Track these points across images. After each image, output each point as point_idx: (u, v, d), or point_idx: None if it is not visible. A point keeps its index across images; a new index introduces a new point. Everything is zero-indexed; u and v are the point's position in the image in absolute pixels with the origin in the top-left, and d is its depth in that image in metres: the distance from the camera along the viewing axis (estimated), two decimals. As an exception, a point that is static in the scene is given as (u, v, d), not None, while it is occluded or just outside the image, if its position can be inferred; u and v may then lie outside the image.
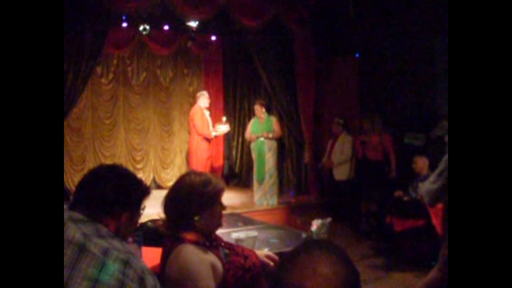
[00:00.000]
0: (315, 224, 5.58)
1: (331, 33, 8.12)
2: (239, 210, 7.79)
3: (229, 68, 10.64)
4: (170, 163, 10.45)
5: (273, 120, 8.26)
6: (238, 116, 10.49)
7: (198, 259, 2.12)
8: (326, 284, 1.10)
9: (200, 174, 2.37)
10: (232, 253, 2.28)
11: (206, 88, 10.57)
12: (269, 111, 8.44)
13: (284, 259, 1.20)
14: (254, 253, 2.43)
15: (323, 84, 8.69)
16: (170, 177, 10.39)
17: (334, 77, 8.57)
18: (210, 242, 2.26)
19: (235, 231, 5.51)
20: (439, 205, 4.82)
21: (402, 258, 6.13)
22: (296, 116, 8.69)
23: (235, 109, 10.56)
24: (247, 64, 9.66)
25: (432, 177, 3.44)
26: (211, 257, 2.17)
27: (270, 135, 8.04)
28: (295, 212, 8.08)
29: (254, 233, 5.13)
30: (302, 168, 8.95)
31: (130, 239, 3.59)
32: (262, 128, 8.11)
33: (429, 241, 5.72)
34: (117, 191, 1.76)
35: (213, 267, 2.14)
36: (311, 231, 5.59)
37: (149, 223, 2.60)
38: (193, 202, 2.21)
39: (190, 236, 2.21)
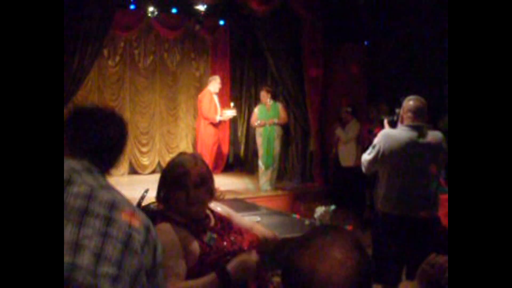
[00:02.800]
0: (319, 211, 5.59)
1: (340, 20, 8.02)
2: (243, 195, 7.79)
3: (237, 53, 10.57)
4: (175, 147, 10.43)
5: (280, 106, 8.27)
6: (245, 102, 10.45)
7: (169, 238, 2.11)
8: (339, 268, 1.10)
9: (181, 154, 2.40)
10: (219, 238, 2.25)
11: (213, 73, 10.53)
12: (274, 97, 8.41)
13: (296, 243, 1.20)
14: (249, 238, 2.39)
15: (331, 71, 8.62)
16: (175, 162, 10.39)
17: (342, 65, 8.49)
18: (196, 224, 2.23)
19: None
20: (444, 196, 4.77)
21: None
22: (302, 103, 8.64)
23: (242, 94, 10.52)
24: (254, 50, 9.60)
25: (369, 149, 3.85)
26: (187, 239, 2.16)
27: (276, 121, 8.08)
28: (299, 199, 8.08)
29: (257, 218, 5.13)
30: (308, 155, 8.92)
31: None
32: (269, 114, 8.12)
33: (433, 231, 5.68)
34: (119, 136, 1.67)
35: (185, 248, 2.13)
36: (314, 218, 5.61)
37: (152, 206, 2.59)
38: (160, 182, 2.28)
39: (174, 215, 2.23)
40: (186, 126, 10.38)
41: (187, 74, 10.47)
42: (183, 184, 2.22)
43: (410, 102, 3.78)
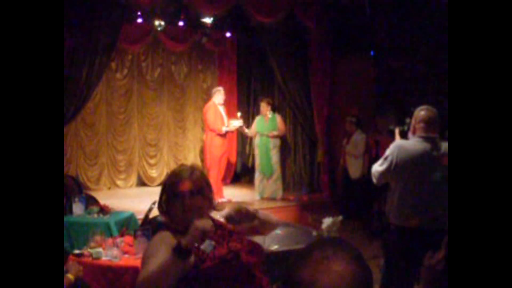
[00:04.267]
0: (326, 222, 5.57)
1: (347, 31, 8.05)
2: (251, 206, 7.78)
3: (244, 64, 10.61)
4: (183, 159, 10.46)
5: (278, 118, 8.38)
6: (252, 113, 10.46)
7: (159, 243, 2.20)
8: (340, 281, 1.10)
9: (180, 165, 2.52)
10: (218, 245, 2.29)
11: (220, 84, 10.57)
12: (274, 109, 8.55)
13: (297, 255, 1.20)
14: (249, 247, 2.41)
15: (338, 82, 8.63)
16: (183, 173, 10.41)
17: (349, 75, 8.50)
18: None
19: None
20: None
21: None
22: (310, 113, 8.65)
23: (249, 105, 10.53)
24: (261, 61, 9.63)
25: (380, 160, 3.82)
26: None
27: (276, 133, 8.25)
28: (307, 209, 8.06)
29: (264, 230, 5.13)
30: (315, 165, 8.91)
31: (139, 233, 3.61)
32: (267, 126, 8.25)
33: (441, 241, 5.64)
34: None
35: None
36: (322, 229, 5.59)
37: (159, 218, 2.65)
38: (160, 192, 2.39)
39: (173, 224, 2.32)
40: (194, 138, 10.41)
41: (194, 86, 10.53)
42: (179, 192, 2.31)
43: (422, 112, 3.72)
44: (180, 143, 10.44)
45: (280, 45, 8.40)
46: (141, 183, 10.05)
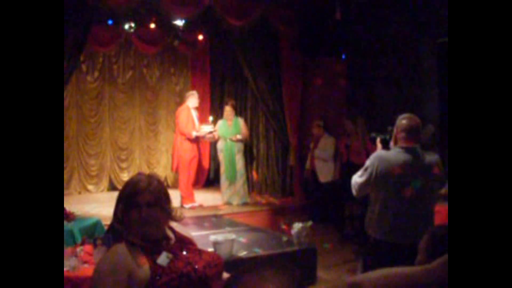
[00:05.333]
0: (296, 227, 5.54)
1: (318, 34, 8.04)
2: (222, 211, 7.71)
3: (217, 68, 10.55)
4: (155, 163, 10.36)
5: (241, 122, 8.37)
6: (225, 117, 10.40)
7: (114, 262, 2.12)
8: None
9: (138, 174, 2.38)
10: (175, 258, 2.22)
11: (193, 87, 10.47)
12: (237, 113, 8.59)
13: (230, 279, 1.13)
14: (207, 259, 2.35)
15: (310, 85, 8.63)
16: (155, 177, 10.28)
17: (321, 79, 8.50)
18: (151, 245, 2.22)
19: (215, 233, 5.46)
20: (441, 208, 4.69)
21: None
22: (282, 117, 8.62)
23: (222, 109, 10.46)
24: (234, 64, 9.58)
25: (360, 171, 3.61)
26: (138, 260, 2.14)
27: (240, 137, 8.20)
28: (279, 214, 8.02)
29: (231, 236, 5.07)
30: (288, 170, 8.88)
31: (99, 241, 3.51)
32: (231, 130, 8.20)
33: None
34: None
35: (133, 272, 2.10)
36: (291, 234, 5.56)
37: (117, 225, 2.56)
38: (116, 202, 2.27)
39: (129, 236, 2.21)
40: (167, 141, 10.28)
41: (167, 89, 10.42)
42: (136, 203, 2.21)
43: (403, 121, 3.52)
44: (153, 147, 10.32)
45: (251, 48, 8.37)
46: (113, 187, 9.88)
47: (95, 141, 9.76)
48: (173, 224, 2.46)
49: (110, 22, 8.58)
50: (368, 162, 3.54)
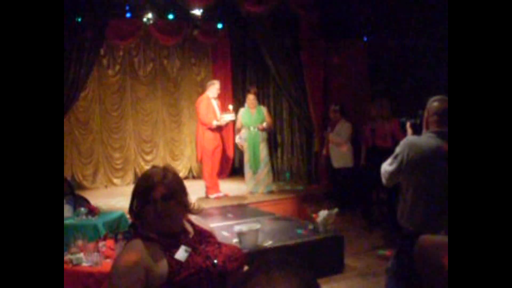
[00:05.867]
0: (321, 215, 5.45)
1: (338, 17, 7.85)
2: (247, 200, 7.66)
3: (238, 56, 10.46)
4: (180, 154, 10.36)
5: (264, 110, 8.25)
6: (248, 105, 10.32)
7: (132, 259, 2.06)
8: None
9: (152, 167, 2.31)
10: (194, 252, 2.17)
11: (215, 77, 10.42)
12: (258, 100, 8.46)
13: (240, 279, 1.07)
14: (227, 252, 2.28)
15: (332, 69, 8.46)
16: (180, 168, 10.30)
17: (343, 62, 8.32)
18: (169, 239, 2.17)
19: (239, 223, 5.41)
20: None
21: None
22: (305, 103, 8.48)
23: (244, 97, 10.37)
24: (255, 52, 9.46)
25: (389, 159, 3.39)
26: (155, 256, 2.10)
27: (265, 125, 8.08)
28: (305, 201, 7.93)
29: (257, 225, 5.01)
30: (312, 156, 8.76)
31: (120, 236, 3.48)
32: (254, 119, 8.08)
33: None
34: None
35: (150, 268, 2.05)
36: (317, 222, 5.47)
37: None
38: (132, 196, 2.21)
39: (146, 230, 2.16)
40: (190, 132, 10.26)
41: (188, 80, 10.38)
42: (151, 198, 2.15)
43: (434, 103, 3.27)
44: (176, 138, 10.32)
45: (271, 35, 8.23)
46: (138, 180, 9.92)
47: (118, 134, 9.80)
48: (192, 217, 2.40)
49: (128, 15, 8.55)
50: (398, 149, 3.32)
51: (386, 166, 3.39)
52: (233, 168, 10.47)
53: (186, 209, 2.29)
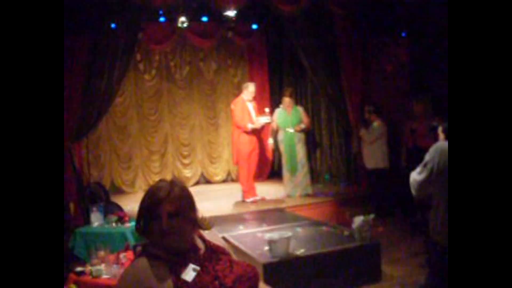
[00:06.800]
0: (356, 222, 5.21)
1: (374, 13, 7.54)
2: (284, 204, 7.47)
3: (274, 57, 10.30)
4: (217, 157, 10.29)
5: (301, 110, 8.04)
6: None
7: (130, 278, 1.98)
8: None
9: (159, 181, 2.18)
10: (203, 271, 2.05)
11: (251, 78, 10.30)
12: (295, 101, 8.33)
13: None
14: (239, 272, 2.13)
15: (370, 68, 8.16)
16: (218, 172, 10.24)
17: (382, 60, 8.01)
18: (176, 258, 2.05)
19: (273, 229, 5.24)
20: None
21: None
22: (343, 103, 8.21)
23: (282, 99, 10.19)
24: (292, 52, 9.27)
25: (418, 168, 3.11)
26: (160, 276, 1.98)
27: (303, 126, 7.90)
28: (344, 204, 7.68)
29: (287, 233, 4.82)
30: (352, 157, 8.49)
31: (138, 249, 3.38)
32: (291, 119, 7.89)
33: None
34: None
35: None
36: (353, 228, 5.23)
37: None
38: (138, 212, 2.10)
39: (152, 248, 2.05)
40: (228, 134, 10.15)
41: (225, 82, 10.30)
42: (156, 214, 2.04)
43: None
44: (214, 141, 10.25)
45: (307, 34, 7.99)
46: (177, 184, 9.91)
47: (156, 138, 9.83)
48: (205, 232, 2.27)
49: (162, 19, 8.55)
50: (427, 157, 3.06)
51: (415, 175, 3.12)
52: (272, 170, 10.31)
53: (194, 225, 2.16)
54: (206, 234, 2.29)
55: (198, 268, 2.06)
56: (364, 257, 4.96)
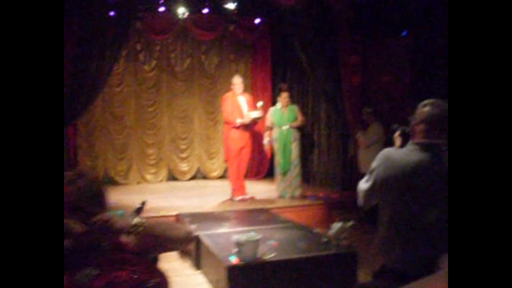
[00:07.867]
0: (334, 228, 4.93)
1: (376, 11, 7.23)
2: (271, 205, 7.21)
3: (278, 53, 10.04)
4: (215, 153, 10.08)
5: (296, 109, 7.81)
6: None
7: None
8: None
9: (69, 171, 2.06)
10: (101, 275, 1.89)
11: (254, 74, 10.09)
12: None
13: None
14: (143, 278, 1.94)
15: (371, 68, 7.85)
16: (215, 167, 10.05)
17: (382, 60, 7.68)
18: (72, 258, 1.90)
19: (239, 232, 4.99)
20: None
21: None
22: (341, 103, 7.92)
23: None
24: (294, 49, 8.99)
25: (366, 175, 2.70)
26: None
27: (299, 122, 7.70)
28: (336, 208, 7.39)
29: (256, 236, 4.57)
30: (348, 161, 8.19)
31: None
32: (287, 117, 7.66)
33: None
34: None
35: None
36: (330, 235, 4.96)
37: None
38: None
39: None
40: (226, 130, 9.97)
41: (226, 77, 10.05)
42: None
43: (425, 108, 2.55)
44: (212, 136, 10.04)
45: (307, 31, 7.72)
46: (172, 177, 9.76)
47: (153, 130, 9.66)
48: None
49: (162, 9, 8.37)
50: (374, 163, 2.66)
51: (361, 184, 2.71)
52: (271, 169, 10.05)
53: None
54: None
55: (96, 271, 1.88)
56: (340, 266, 4.68)
